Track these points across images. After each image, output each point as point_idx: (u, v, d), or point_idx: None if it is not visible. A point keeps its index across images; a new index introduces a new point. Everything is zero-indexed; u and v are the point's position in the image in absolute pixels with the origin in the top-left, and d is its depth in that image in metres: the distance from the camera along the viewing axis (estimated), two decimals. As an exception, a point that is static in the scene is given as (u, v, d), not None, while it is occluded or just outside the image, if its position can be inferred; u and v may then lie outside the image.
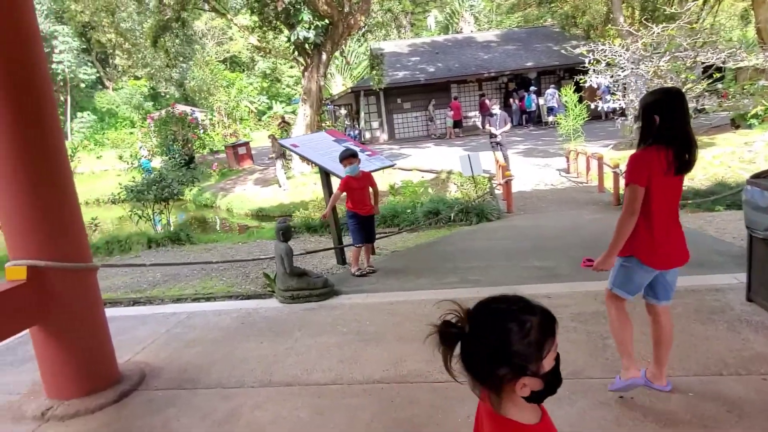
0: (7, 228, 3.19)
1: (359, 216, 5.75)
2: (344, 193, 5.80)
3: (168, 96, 40.96)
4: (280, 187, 17.55)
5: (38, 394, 3.48)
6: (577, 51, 13.19)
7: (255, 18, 19.54)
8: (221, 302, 5.48)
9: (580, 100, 15.03)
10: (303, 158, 7.01)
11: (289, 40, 17.83)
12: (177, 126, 23.32)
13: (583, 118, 14.62)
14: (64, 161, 3.36)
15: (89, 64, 42.40)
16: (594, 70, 12.88)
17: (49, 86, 3.27)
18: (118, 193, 10.47)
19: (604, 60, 12.71)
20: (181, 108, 27.96)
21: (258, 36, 20.61)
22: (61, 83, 42.15)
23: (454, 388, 3.21)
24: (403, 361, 3.50)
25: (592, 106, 14.66)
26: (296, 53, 18.82)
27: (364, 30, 20.36)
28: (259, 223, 15.62)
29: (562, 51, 16.52)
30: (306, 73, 18.70)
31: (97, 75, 44.41)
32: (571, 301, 4.20)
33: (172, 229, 13.09)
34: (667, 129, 2.62)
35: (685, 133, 2.64)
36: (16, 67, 3.05)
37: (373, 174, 6.32)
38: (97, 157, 30.80)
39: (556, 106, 22.14)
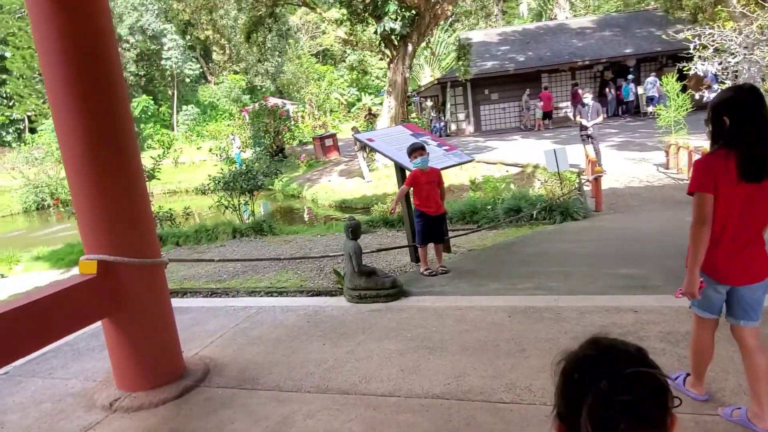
0: (80, 223, 3.31)
1: (427, 216, 5.53)
2: (412, 189, 5.62)
3: (264, 89, 42.63)
4: (364, 179, 17.64)
5: (111, 383, 3.61)
6: (682, 36, 12.01)
7: (344, 11, 19.75)
8: (291, 298, 5.50)
9: (684, 90, 13.81)
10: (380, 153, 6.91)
11: (376, 32, 17.85)
12: (269, 118, 24.13)
13: (687, 109, 13.40)
14: (134, 157, 3.43)
15: (194, 59, 44.91)
16: (700, 56, 11.72)
17: (121, 79, 3.32)
18: (207, 184, 10.91)
19: (712, 45, 11.53)
20: (273, 101, 28.96)
21: (346, 29, 20.80)
22: (169, 78, 45.14)
23: (518, 410, 2.98)
24: (466, 374, 3.28)
25: (697, 96, 13.40)
26: (382, 45, 18.80)
27: (451, 20, 19.97)
28: (342, 215, 15.79)
29: (665, 36, 15.21)
30: (391, 65, 18.63)
31: (201, 70, 47.03)
32: (661, 318, 3.77)
33: (261, 218, 13.52)
34: (737, 131, 2.35)
35: (760, 135, 2.33)
36: (88, 60, 3.12)
37: (454, 167, 6.06)
38: (197, 148, 32.63)
39: (657, 95, 20.59)
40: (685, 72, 12.69)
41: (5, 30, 35.66)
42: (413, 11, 17.17)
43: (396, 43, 18.14)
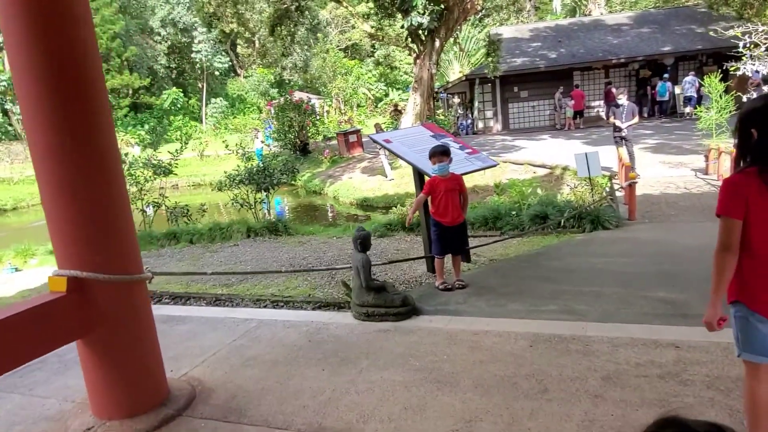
0: (51, 234, 2.99)
1: (442, 226, 5.10)
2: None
3: (292, 83, 42.52)
4: (386, 177, 17.24)
5: (88, 406, 3.30)
6: (731, 33, 11.19)
7: (371, 4, 19.35)
8: (295, 311, 5.13)
9: (727, 90, 13.01)
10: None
11: (402, 26, 17.42)
12: (293, 113, 23.87)
13: (730, 111, 12.61)
14: (113, 158, 3.07)
15: (223, 53, 45.04)
16: (751, 55, 10.90)
17: (98, 68, 2.96)
18: (224, 181, 10.66)
19: (764, 43, 10.72)
20: (298, 95, 28.73)
21: (374, 23, 20.38)
22: (199, 71, 45.44)
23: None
24: (478, 420, 2.86)
25: (745, 99, 12.57)
26: (409, 40, 18.35)
27: (481, 14, 19.40)
28: (364, 213, 15.43)
29: (711, 33, 14.38)
30: (418, 61, 18.18)
31: (230, 63, 47.17)
32: (707, 357, 3.29)
33: (283, 216, 13.22)
34: (766, 144, 2.10)
35: None
36: (57, 48, 2.76)
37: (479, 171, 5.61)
38: (222, 141, 32.69)
39: (695, 96, 19.69)
40: (730, 71, 11.88)
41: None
42: (442, 5, 16.67)
43: (423, 38, 17.68)
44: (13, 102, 38.78)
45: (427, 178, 5.65)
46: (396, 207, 9.81)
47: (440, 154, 5.09)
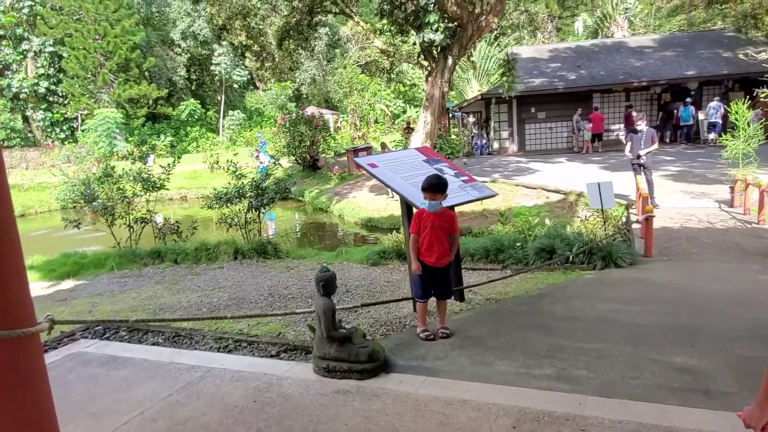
0: None
1: (425, 266, 4.42)
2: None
3: (310, 98, 42.45)
4: (392, 197, 16.63)
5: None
6: (761, 57, 10.50)
7: (384, 21, 18.94)
8: (251, 359, 4.45)
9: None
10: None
11: (415, 43, 16.93)
12: (305, 127, 23.51)
13: (759, 140, 11.80)
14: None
15: (243, 66, 45.25)
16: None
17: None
18: (214, 200, 10.12)
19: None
20: (310, 110, 28.41)
21: (386, 39, 19.97)
22: (218, 83, 45.73)
23: None
24: None
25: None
26: (421, 57, 17.86)
27: (496, 33, 18.85)
28: (374, 237, 14.76)
29: (741, 56, 13.70)
30: (430, 79, 17.64)
31: (248, 76, 47.36)
32: (732, 459, 2.59)
33: (274, 233, 12.68)
34: None
35: None
36: None
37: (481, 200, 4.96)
38: (234, 154, 32.49)
39: (720, 122, 18.87)
40: (761, 98, 11.13)
41: (63, 31, 36.63)
42: (455, 23, 16.14)
43: (435, 55, 17.17)
44: (33, 109, 39.25)
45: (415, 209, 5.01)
46: (391, 234, 9.18)
47: (434, 190, 4.39)
